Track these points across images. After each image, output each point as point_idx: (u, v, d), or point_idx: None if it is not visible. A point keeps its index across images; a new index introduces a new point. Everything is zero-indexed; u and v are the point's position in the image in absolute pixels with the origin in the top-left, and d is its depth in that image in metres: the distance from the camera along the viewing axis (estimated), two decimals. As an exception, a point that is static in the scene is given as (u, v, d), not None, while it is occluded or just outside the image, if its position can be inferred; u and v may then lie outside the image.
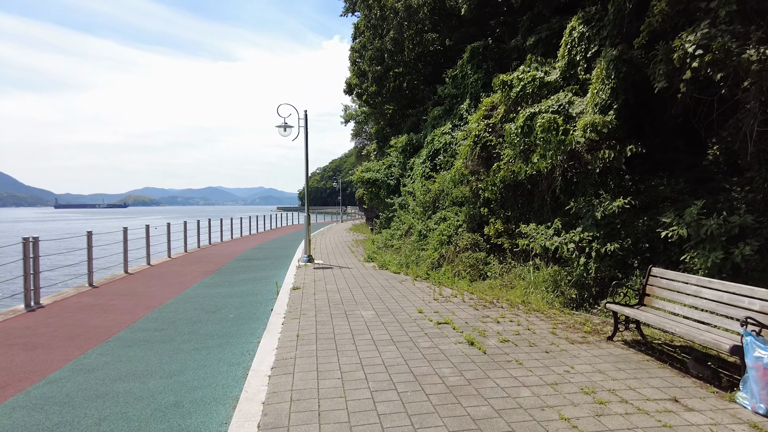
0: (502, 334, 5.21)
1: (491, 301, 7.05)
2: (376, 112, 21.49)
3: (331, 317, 6.03)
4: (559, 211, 8.69)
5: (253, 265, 12.75)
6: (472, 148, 9.96)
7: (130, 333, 6.13)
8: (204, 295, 8.72)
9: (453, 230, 9.98)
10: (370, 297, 7.40)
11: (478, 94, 13.25)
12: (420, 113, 16.88)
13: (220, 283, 10.14)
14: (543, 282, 7.47)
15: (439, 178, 11.56)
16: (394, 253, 11.76)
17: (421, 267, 9.86)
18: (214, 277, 11.03)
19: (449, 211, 10.79)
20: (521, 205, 9.10)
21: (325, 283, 8.87)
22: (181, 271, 12.05)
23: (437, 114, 13.99)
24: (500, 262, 8.89)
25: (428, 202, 11.50)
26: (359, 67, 19.02)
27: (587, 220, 7.34)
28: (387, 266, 10.78)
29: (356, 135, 30.54)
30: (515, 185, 9.00)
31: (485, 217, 9.42)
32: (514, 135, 8.79)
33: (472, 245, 9.33)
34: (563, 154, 7.96)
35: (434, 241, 9.91)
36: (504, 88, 9.90)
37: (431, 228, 10.59)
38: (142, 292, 9.14)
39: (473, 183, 9.69)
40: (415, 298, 7.24)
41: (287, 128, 11.91)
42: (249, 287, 9.42)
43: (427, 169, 12.93)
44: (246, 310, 7.40)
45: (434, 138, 13.11)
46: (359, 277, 9.62)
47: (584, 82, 9.07)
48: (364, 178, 15.78)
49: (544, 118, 7.75)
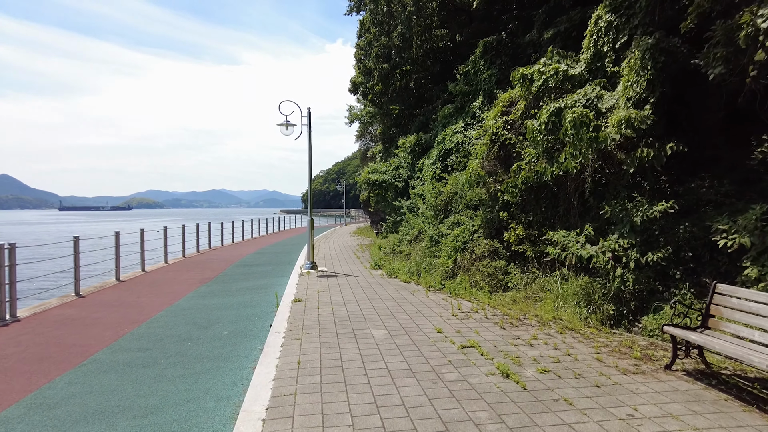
0: (540, 362, 4.43)
1: (518, 317, 6.27)
2: (382, 112, 20.75)
3: (338, 338, 5.26)
4: (588, 215, 7.91)
5: (253, 272, 12.01)
6: (489, 146, 9.20)
7: (110, 354, 5.38)
8: (198, 307, 7.98)
9: (468, 236, 9.20)
10: (381, 312, 6.63)
11: (492, 91, 12.50)
12: (429, 112, 16.13)
13: (217, 292, 9.39)
14: (574, 295, 6.68)
15: (451, 179, 10.81)
16: (403, 260, 10.99)
17: (433, 276, 9.08)
18: (210, 285, 10.29)
19: (463, 215, 10.02)
20: (544, 209, 8.32)
21: (329, 294, 8.11)
22: (177, 279, 11.32)
23: (448, 112, 13.24)
24: (522, 272, 8.10)
25: (440, 205, 10.74)
26: (365, 65, 18.30)
27: (623, 227, 6.55)
28: (396, 274, 10.01)
29: (361, 136, 29.81)
30: (538, 187, 8.22)
31: (504, 221, 8.65)
32: (537, 132, 8.02)
33: (491, 252, 8.55)
34: (594, 153, 7.18)
35: (448, 248, 9.14)
36: (524, 83, 9.14)
37: (444, 233, 9.83)
38: (132, 303, 8.41)
39: (491, 185, 8.93)
40: (431, 314, 6.47)
41: (289, 126, 11.18)
42: (247, 298, 8.67)
43: (438, 170, 12.17)
44: (242, 325, 6.65)
45: (445, 137, 12.36)
46: (367, 287, 8.85)
47: (613, 75, 8.30)
48: (370, 179, 15.01)
49: (575, 113, 6.99)
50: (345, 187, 68.01)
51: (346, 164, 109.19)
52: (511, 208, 8.53)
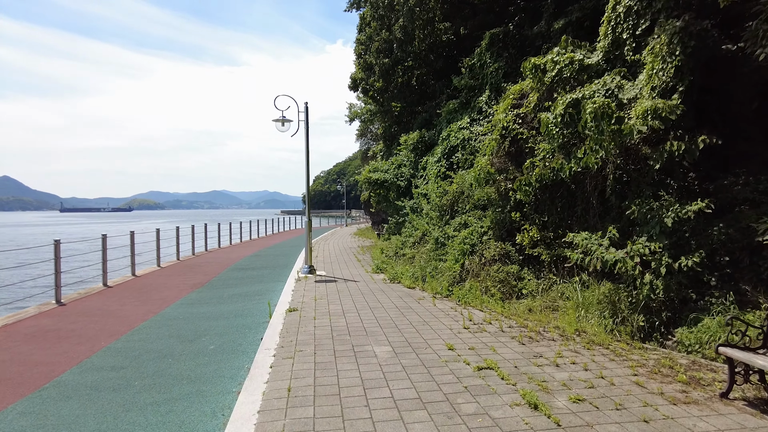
0: (571, 387, 3.79)
1: (537, 330, 5.62)
2: (383, 110, 20.11)
3: (335, 356, 4.62)
4: (608, 216, 7.27)
5: (248, 277, 11.38)
6: (499, 142, 8.56)
7: (78, 374, 4.75)
8: (185, 316, 7.35)
9: (477, 238, 8.57)
10: (384, 323, 5.98)
11: (499, 85, 11.87)
12: (432, 109, 15.49)
13: (207, 299, 8.76)
14: (597, 304, 6.04)
15: (457, 177, 10.18)
16: (406, 264, 10.35)
17: (440, 281, 8.45)
18: (201, 291, 9.67)
19: (471, 215, 9.38)
20: (560, 209, 7.69)
21: (327, 302, 7.47)
22: (167, 284, 10.70)
23: (453, 108, 12.61)
24: (537, 277, 7.47)
25: (445, 205, 10.12)
26: (365, 60, 17.66)
27: (652, 228, 5.91)
28: (399, 279, 9.37)
29: (361, 135, 29.17)
30: (554, 185, 7.59)
31: (517, 223, 8.01)
32: (552, 126, 7.39)
33: (502, 256, 7.91)
34: (617, 147, 6.55)
35: (455, 251, 8.51)
36: (536, 73, 8.50)
37: (450, 235, 9.20)
38: (115, 312, 7.78)
39: (501, 183, 8.29)
40: (439, 326, 5.82)
41: (285, 122, 10.56)
42: (239, 306, 8.04)
43: (443, 168, 11.54)
44: (231, 338, 6.02)
45: (450, 134, 11.72)
46: (368, 293, 8.21)
47: (633, 64, 7.66)
48: (371, 178, 14.36)
49: (596, 103, 6.35)
50: (345, 188, 67.44)
51: (346, 165, 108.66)
52: (524, 208, 7.90)
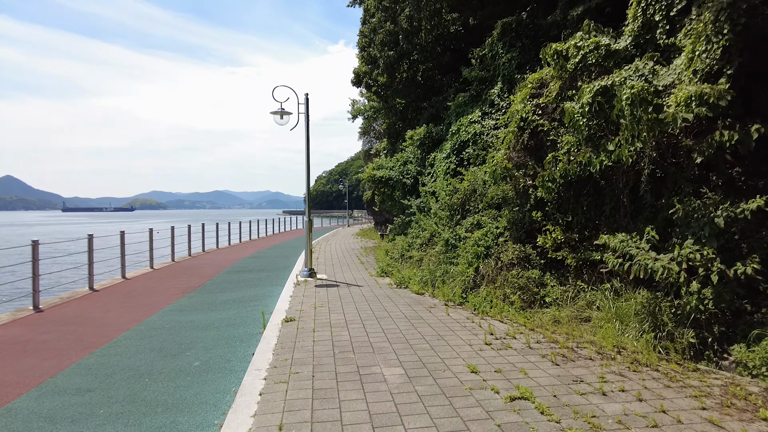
0: (630, 427, 3.05)
1: (568, 346, 4.89)
2: (387, 106, 19.38)
3: (337, 381, 3.89)
4: (640, 215, 6.53)
5: (244, 280, 10.67)
6: (516, 135, 7.82)
7: (34, 399, 4.05)
8: (172, 325, 6.64)
9: (492, 240, 7.83)
10: (393, 337, 5.25)
11: (512, 76, 11.13)
12: (439, 103, 14.76)
13: (198, 305, 8.05)
14: (635, 316, 5.30)
15: (468, 174, 9.45)
16: (414, 267, 9.62)
17: (451, 287, 7.71)
18: (193, 296, 8.96)
19: (484, 215, 8.64)
20: (586, 208, 6.95)
21: (328, 310, 6.74)
22: (157, 288, 10.00)
23: (462, 101, 11.88)
24: (561, 284, 6.73)
25: (456, 204, 9.39)
26: (369, 53, 16.95)
27: (700, 229, 5.16)
28: (407, 284, 8.64)
29: (364, 133, 28.43)
30: (579, 181, 6.85)
31: (537, 223, 7.27)
32: (578, 116, 6.66)
33: (521, 260, 7.17)
34: (656, 138, 5.81)
35: (468, 254, 7.78)
36: (557, 60, 7.77)
37: (462, 237, 8.47)
38: (95, 320, 7.08)
39: (519, 179, 7.55)
40: (457, 341, 5.08)
41: (284, 115, 9.85)
42: (231, 313, 7.33)
43: (453, 164, 10.80)
44: (219, 352, 5.31)
45: (460, 128, 10.99)
46: (373, 300, 7.48)
47: (667, 48, 6.92)
48: (375, 176, 13.61)
49: (633, 88, 5.61)
50: (347, 188, 66.75)
51: (348, 165, 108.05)
52: (545, 207, 7.16)
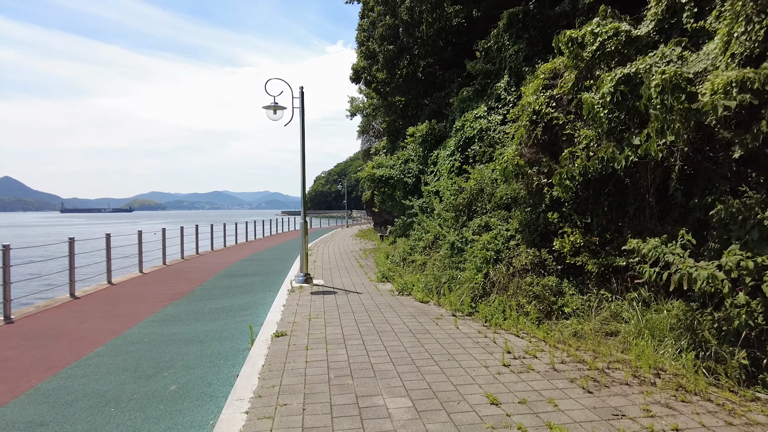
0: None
1: (598, 367, 4.27)
2: (387, 104, 18.75)
3: (332, 417, 3.27)
4: (668, 216, 5.92)
5: (236, 286, 10.04)
6: (529, 129, 7.21)
7: (-25, 437, 3.42)
8: (152, 339, 6.02)
9: (502, 243, 7.21)
10: (397, 357, 4.62)
11: (520, 69, 10.52)
12: (441, 99, 14.14)
13: (184, 315, 7.43)
14: (671, 331, 4.68)
15: (474, 172, 8.84)
16: (416, 272, 9.00)
17: (459, 294, 7.09)
18: (180, 304, 8.33)
19: (493, 216, 8.02)
20: (607, 209, 6.33)
21: (324, 322, 6.12)
22: (143, 294, 9.37)
23: (467, 95, 11.27)
24: (581, 292, 6.11)
25: (461, 204, 8.78)
26: (368, 48, 16.33)
27: (747, 233, 4.55)
28: (410, 291, 8.02)
29: (363, 132, 27.79)
30: (599, 180, 6.23)
31: (553, 225, 6.65)
32: (598, 107, 6.05)
33: (535, 265, 6.55)
34: (690, 130, 5.19)
35: (476, 259, 7.17)
36: (572, 48, 7.16)
37: (469, 239, 7.86)
38: (69, 332, 6.45)
39: (533, 177, 6.94)
40: (470, 361, 4.46)
41: (278, 110, 9.22)
42: (219, 324, 6.70)
43: (457, 162, 10.18)
44: (200, 373, 4.68)
45: (465, 124, 10.38)
46: (374, 310, 6.86)
47: (695, 33, 6.31)
48: (374, 175, 12.97)
49: (665, 74, 4.99)
50: (346, 188, 66.10)
51: (347, 165, 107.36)
52: (563, 208, 6.54)
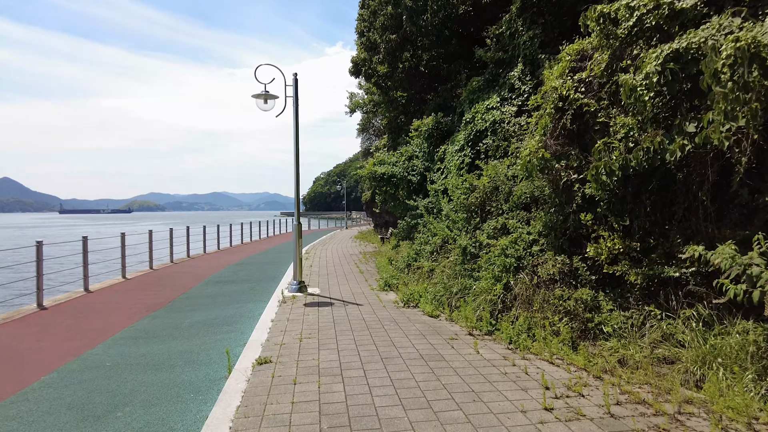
0: None
1: (666, 411, 3.31)
2: (388, 100, 17.83)
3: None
4: (727, 218, 4.99)
5: (223, 294, 9.09)
6: (554, 118, 6.27)
7: None
8: (115, 362, 5.06)
9: (523, 248, 6.27)
10: (408, 398, 3.65)
11: (535, 57, 9.60)
12: (447, 92, 13.21)
13: (159, 330, 6.47)
14: (753, 361, 3.73)
15: (488, 168, 7.91)
16: (423, 280, 8.05)
17: (474, 307, 6.14)
18: (157, 316, 7.38)
19: (510, 217, 7.08)
20: (650, 209, 5.39)
21: (318, 343, 5.16)
22: (120, 304, 8.42)
23: (477, 86, 10.34)
24: (621, 307, 5.16)
25: (473, 204, 7.85)
26: (369, 39, 15.39)
27: None
28: (417, 302, 7.08)
29: (363, 130, 26.79)
30: (641, 175, 5.30)
31: (585, 227, 5.71)
32: (642, 89, 5.11)
33: (565, 275, 5.61)
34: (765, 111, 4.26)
35: (494, 267, 6.23)
36: (603, 25, 6.24)
37: (484, 244, 6.92)
38: (20, 353, 5.50)
39: (560, 172, 6.00)
40: (502, 403, 3.50)
41: (269, 99, 8.28)
42: (196, 343, 5.75)
43: (467, 158, 9.23)
44: (162, 413, 3.73)
45: (475, 116, 9.44)
46: (376, 327, 5.90)
47: (754, 3, 5.38)
48: (376, 173, 11.99)
49: (740, 41, 4.05)
50: (346, 189, 65.11)
51: (347, 166, 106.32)
52: (597, 208, 5.60)
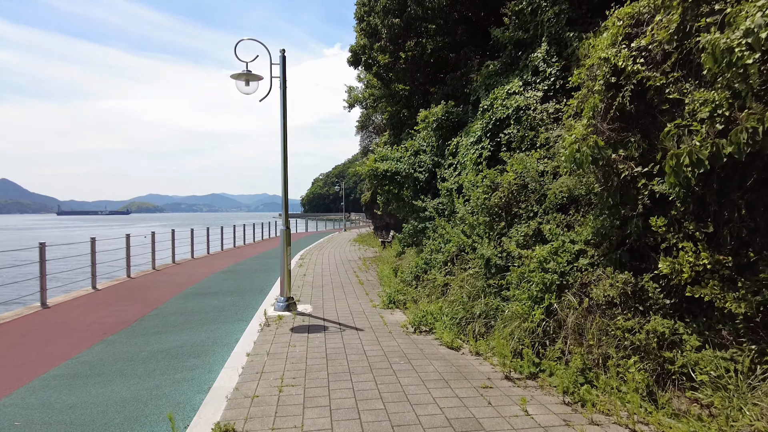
0: None
1: None
2: (389, 93, 16.51)
3: None
4: None
5: (201, 310, 7.74)
6: (605, 96, 4.94)
7: None
8: (28, 421, 3.72)
9: (567, 262, 4.95)
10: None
11: (562, 36, 8.29)
12: (456, 80, 11.89)
13: (108, 364, 5.12)
14: None
15: (514, 162, 6.59)
16: (436, 295, 6.72)
17: (506, 336, 4.79)
18: (113, 342, 6.03)
19: (547, 221, 5.75)
20: (746, 212, 4.06)
21: (303, 398, 3.82)
22: (77, 323, 7.08)
23: (493, 69, 9.02)
24: (713, 344, 3.83)
25: (496, 205, 6.52)
26: (369, 23, 14.05)
27: None
28: (430, 326, 5.74)
29: (362, 127, 25.44)
30: (734, 167, 3.98)
31: (653, 235, 4.38)
32: (743, 50, 3.79)
33: (628, 298, 4.28)
34: None
35: (532, 285, 4.91)
36: (667, -20, 4.91)
37: (515, 255, 5.59)
38: None
39: (618, 164, 4.67)
40: None
41: (251, 81, 6.95)
42: (148, 386, 4.40)
43: (486, 151, 7.90)
44: None
45: (494, 102, 8.11)
46: (383, 369, 4.55)
47: None
48: (377, 170, 10.59)
49: None
50: (344, 190, 63.79)
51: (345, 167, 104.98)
52: (671, 210, 4.27)
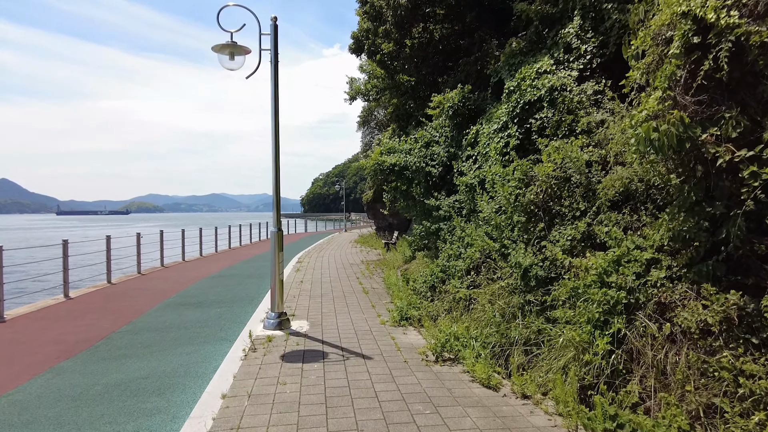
0: None
1: None
2: (393, 84, 15.38)
3: None
4: None
5: (180, 325, 6.61)
6: (686, 61, 3.81)
7: None
8: None
9: (635, 274, 3.83)
10: None
11: (598, 7, 7.17)
12: (470, 65, 10.74)
13: (47, 406, 3.98)
14: None
15: (551, 151, 5.45)
16: (459, 314, 5.57)
17: (557, 368, 3.68)
18: (63, 370, 4.90)
19: (600, 221, 4.63)
20: None
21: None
22: (32, 342, 5.95)
23: (518, 48, 7.88)
24: None
25: (531, 202, 5.38)
26: (372, 5, 12.86)
27: None
28: (456, 352, 4.61)
29: (364, 123, 24.27)
30: None
31: (763, 240, 3.26)
32: None
33: (731, 326, 3.16)
34: None
35: (589, 304, 3.79)
36: None
37: (562, 263, 4.46)
38: None
39: (708, 147, 3.55)
40: None
41: (236, 55, 5.83)
42: None
43: (513, 139, 6.74)
44: None
45: (521, 83, 6.96)
46: (402, 422, 3.40)
47: None
48: (384, 164, 9.27)
49: None
50: (345, 190, 62.76)
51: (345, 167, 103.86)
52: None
